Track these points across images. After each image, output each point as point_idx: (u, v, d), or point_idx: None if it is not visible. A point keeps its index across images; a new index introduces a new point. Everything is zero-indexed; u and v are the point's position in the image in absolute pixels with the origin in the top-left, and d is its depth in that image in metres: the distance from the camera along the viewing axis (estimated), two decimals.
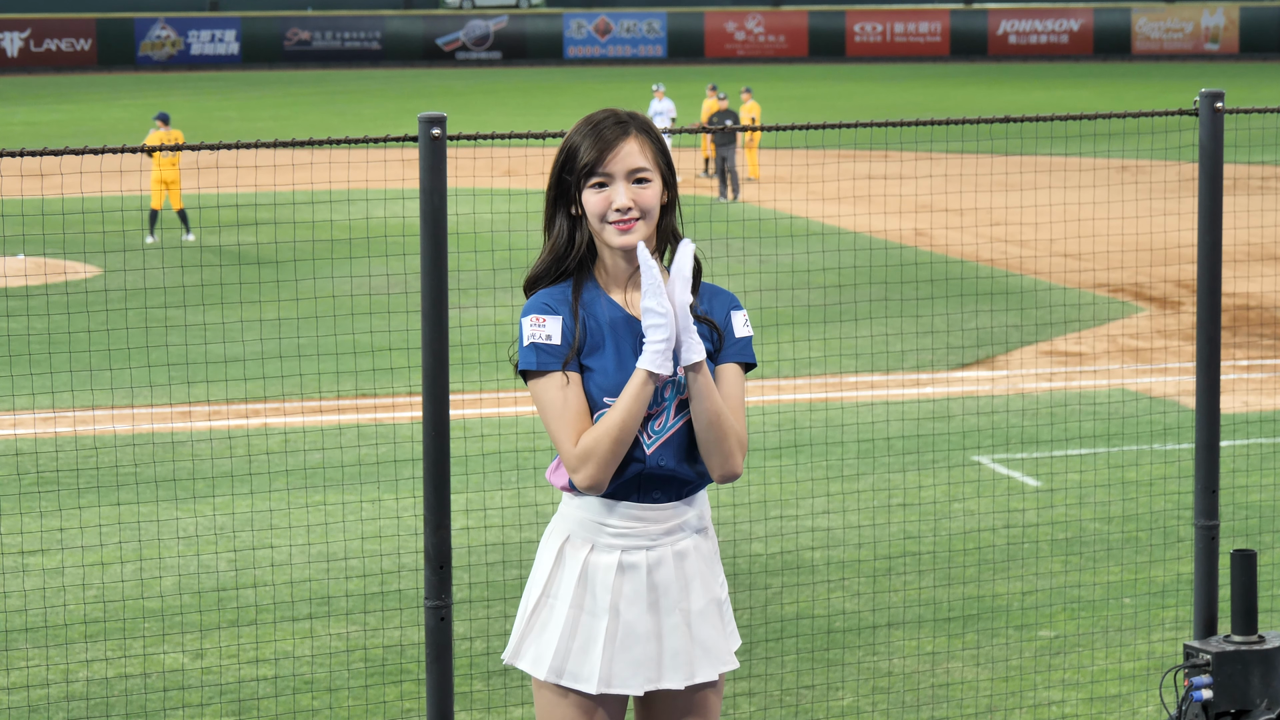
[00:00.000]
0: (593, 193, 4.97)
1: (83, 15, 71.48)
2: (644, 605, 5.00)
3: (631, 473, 4.97)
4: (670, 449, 4.99)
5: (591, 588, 5.00)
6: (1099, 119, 7.32)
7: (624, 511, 5.00)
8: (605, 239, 4.99)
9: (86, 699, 8.74)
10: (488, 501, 11.96)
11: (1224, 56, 71.55)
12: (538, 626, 5.06)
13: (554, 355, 4.96)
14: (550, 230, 5.08)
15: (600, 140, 4.97)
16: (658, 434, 4.98)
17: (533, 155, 33.06)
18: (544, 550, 5.11)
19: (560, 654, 5.01)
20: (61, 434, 13.79)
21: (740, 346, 5.11)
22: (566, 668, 5.01)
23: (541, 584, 5.06)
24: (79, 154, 6.33)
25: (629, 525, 5.00)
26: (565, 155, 5.02)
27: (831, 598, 10.18)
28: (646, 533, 5.01)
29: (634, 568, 5.00)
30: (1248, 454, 13.36)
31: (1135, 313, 19.75)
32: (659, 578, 5.01)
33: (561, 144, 5.06)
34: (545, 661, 5.02)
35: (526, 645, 5.07)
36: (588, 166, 4.97)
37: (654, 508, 5.01)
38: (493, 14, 73.58)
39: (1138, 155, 30.46)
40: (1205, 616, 7.16)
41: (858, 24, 73.38)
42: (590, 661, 4.99)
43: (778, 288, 20.08)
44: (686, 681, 5.04)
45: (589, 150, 4.98)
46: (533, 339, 4.98)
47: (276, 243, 22.55)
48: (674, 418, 4.99)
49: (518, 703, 8.67)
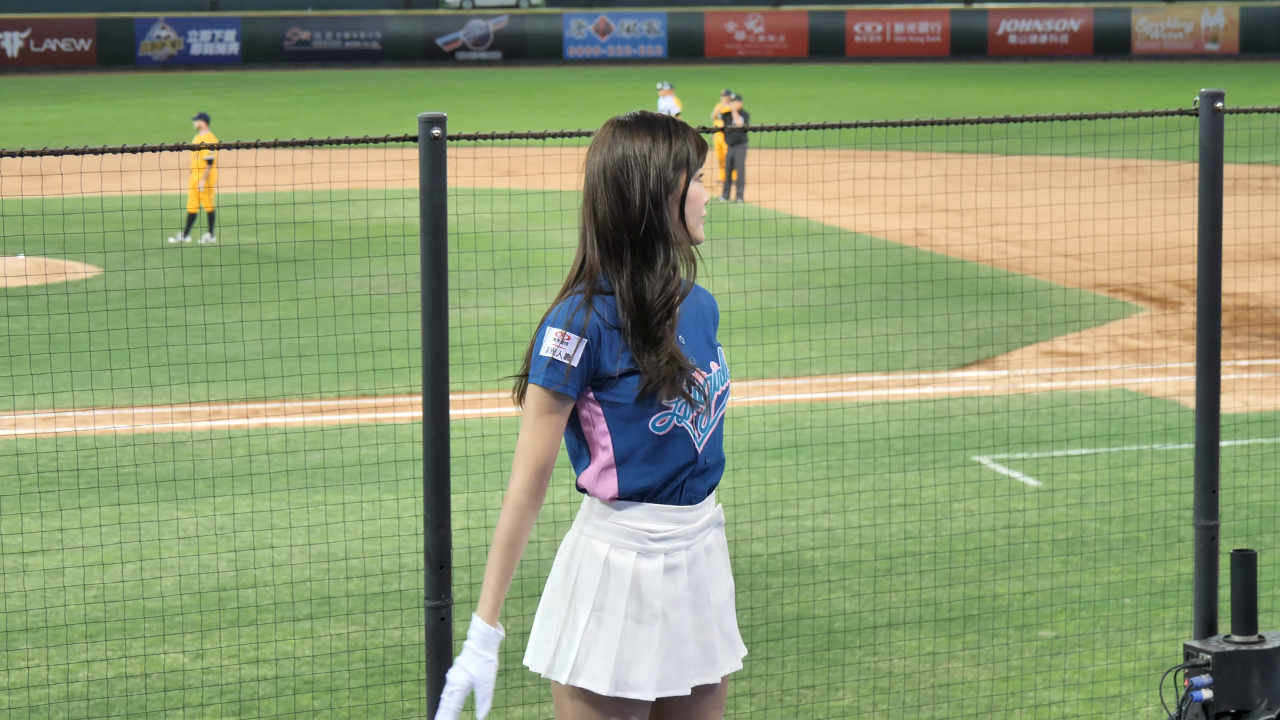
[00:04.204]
0: (696, 185, 5.02)
1: (83, 15, 71.46)
2: (688, 605, 5.04)
3: (686, 471, 5.00)
4: (713, 444, 5.06)
5: (642, 595, 4.99)
6: (1099, 119, 7.32)
7: (666, 515, 5.01)
8: (697, 234, 5.07)
9: (86, 699, 8.74)
10: (488, 501, 11.96)
11: (1224, 56, 71.53)
12: (589, 640, 5.00)
13: (565, 376, 4.94)
14: (662, 237, 4.99)
15: (689, 137, 5.01)
16: (704, 431, 5.03)
17: (533, 155, 33.07)
18: (584, 561, 5.03)
19: (620, 667, 4.98)
20: (61, 434, 13.79)
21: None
22: (624, 679, 4.99)
23: (589, 597, 4.99)
24: (79, 154, 6.33)
25: (670, 528, 5.01)
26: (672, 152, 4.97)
27: (831, 598, 10.18)
28: (685, 533, 5.04)
29: (678, 569, 5.03)
30: (1248, 454, 13.36)
31: (1135, 313, 19.75)
32: (697, 575, 5.06)
33: (650, 145, 4.96)
34: (606, 676, 4.98)
35: (582, 662, 5.00)
36: (692, 163, 4.99)
37: (691, 508, 5.04)
38: (493, 14, 73.57)
39: (1138, 155, 30.46)
40: (1205, 616, 7.16)
41: (858, 24, 73.37)
42: (645, 669, 4.99)
43: (778, 288, 20.08)
44: (721, 674, 5.10)
45: (693, 148, 5.00)
46: (553, 354, 4.95)
47: (276, 243, 22.55)
48: (715, 412, 5.05)
49: (518, 703, 8.67)
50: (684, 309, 5.07)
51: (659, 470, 4.97)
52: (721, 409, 5.07)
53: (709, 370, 5.04)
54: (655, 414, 4.94)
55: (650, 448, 4.96)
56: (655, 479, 4.97)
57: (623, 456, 4.97)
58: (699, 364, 5.03)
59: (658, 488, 4.98)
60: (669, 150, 4.96)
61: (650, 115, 5.04)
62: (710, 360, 5.06)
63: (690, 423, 4.99)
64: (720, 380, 5.07)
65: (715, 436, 5.06)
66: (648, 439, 4.95)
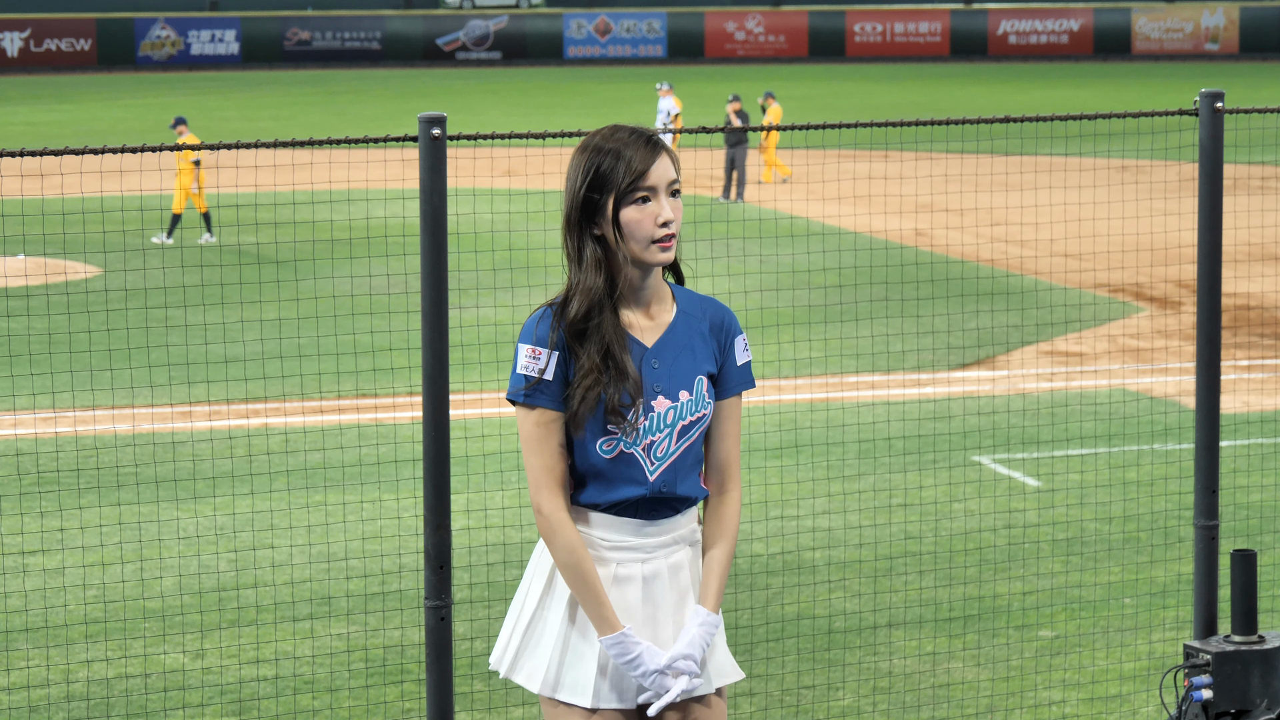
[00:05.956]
0: (636, 209, 4.81)
1: (83, 15, 71.45)
2: (639, 619, 4.94)
3: (634, 496, 4.91)
4: (672, 472, 4.93)
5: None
6: (1099, 119, 7.32)
7: (623, 527, 4.94)
8: (647, 258, 4.84)
9: (86, 699, 8.74)
10: (488, 501, 11.96)
11: (1224, 56, 71.52)
12: (532, 640, 4.99)
13: (542, 391, 4.88)
14: (581, 258, 4.84)
15: (642, 153, 4.80)
16: (660, 460, 4.91)
17: (533, 155, 33.05)
18: (538, 563, 5.04)
19: (554, 669, 4.94)
20: (61, 434, 13.79)
21: (742, 374, 5.03)
22: (562, 681, 4.95)
23: (537, 597, 4.99)
24: (79, 154, 6.33)
25: (626, 539, 4.94)
26: (594, 172, 4.81)
27: (832, 598, 10.18)
28: (643, 546, 4.95)
29: (629, 580, 4.94)
30: (1248, 454, 13.36)
31: (1135, 313, 19.75)
32: (654, 589, 4.95)
33: (578, 164, 4.84)
34: (539, 675, 4.96)
35: (522, 659, 5.01)
36: (631, 181, 4.79)
37: (652, 524, 4.95)
38: (493, 14, 73.56)
39: (1138, 155, 30.45)
40: (1205, 616, 7.16)
41: (858, 24, 73.36)
42: (584, 675, 4.93)
43: (778, 288, 20.08)
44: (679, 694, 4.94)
45: (635, 162, 4.79)
46: (526, 370, 4.90)
47: (276, 243, 22.54)
48: (675, 443, 4.91)
49: (518, 703, 8.67)
50: (671, 328, 4.94)
51: (610, 493, 4.91)
52: (687, 439, 4.92)
53: (675, 399, 4.90)
54: (601, 438, 4.87)
55: (599, 469, 4.90)
56: (606, 501, 4.92)
57: (578, 471, 4.93)
58: (666, 391, 4.90)
59: (610, 505, 4.92)
60: (592, 173, 4.81)
61: (600, 135, 4.88)
62: (681, 389, 4.91)
63: (642, 450, 4.88)
64: (689, 410, 4.92)
65: (679, 466, 4.92)
66: (598, 459, 4.89)
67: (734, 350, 5.02)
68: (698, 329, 4.98)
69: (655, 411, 4.89)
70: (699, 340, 4.97)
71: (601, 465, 4.89)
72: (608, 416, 4.84)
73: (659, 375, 4.91)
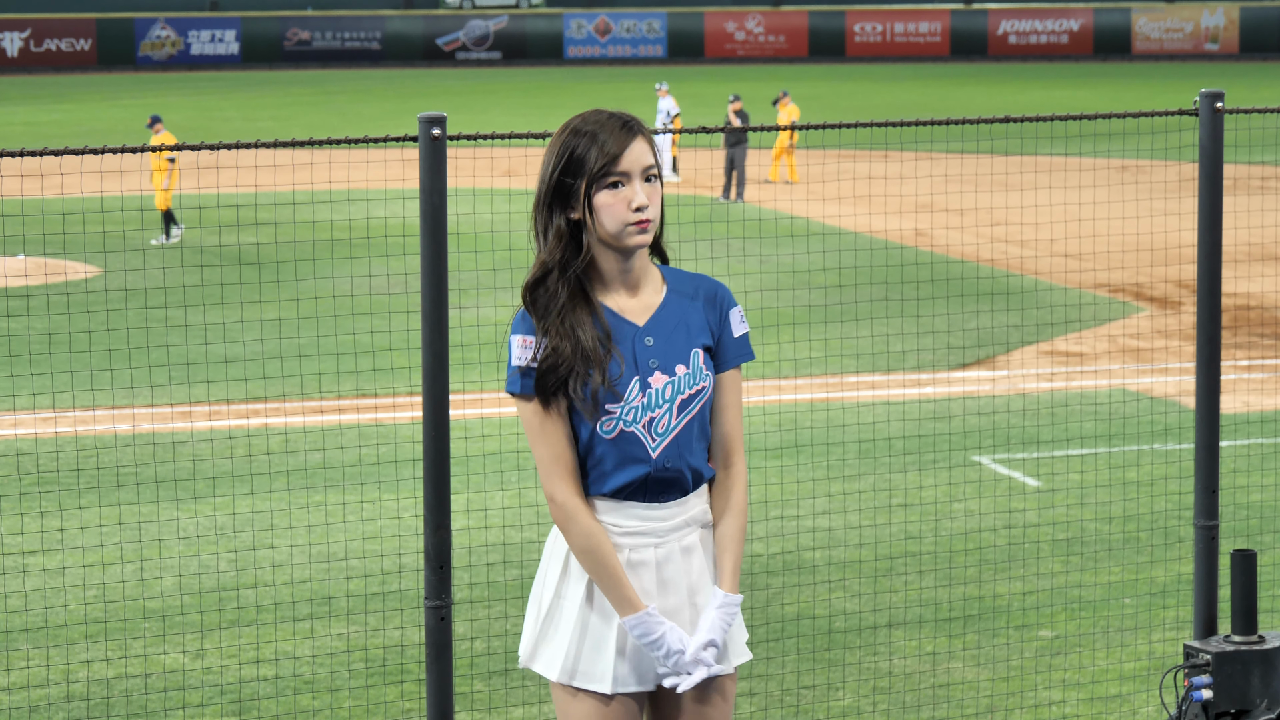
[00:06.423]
0: (609, 193, 4.86)
1: (83, 15, 71.47)
2: (653, 603, 4.97)
3: (638, 475, 4.94)
4: (675, 449, 4.95)
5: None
6: (1099, 119, 7.32)
7: (631, 512, 4.97)
8: (623, 241, 4.88)
9: (86, 699, 8.74)
10: (488, 501, 11.96)
11: (1224, 56, 71.54)
12: (550, 629, 5.03)
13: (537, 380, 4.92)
14: (546, 236, 4.92)
15: (616, 137, 4.85)
16: (662, 435, 4.94)
17: (533, 155, 33.05)
18: (553, 551, 5.08)
19: (572, 655, 4.98)
20: (61, 434, 13.79)
21: (740, 346, 5.06)
22: (579, 668, 4.98)
23: (553, 586, 5.03)
24: (79, 154, 6.33)
25: (636, 524, 4.97)
26: (568, 156, 4.87)
27: (832, 598, 10.18)
28: (654, 530, 4.98)
29: (643, 565, 4.97)
30: (1248, 454, 13.36)
31: (1135, 313, 19.75)
32: (668, 573, 4.99)
33: (554, 147, 4.90)
34: (558, 663, 5.00)
35: (541, 648, 5.04)
36: (603, 166, 4.84)
37: (661, 507, 4.98)
38: (493, 14, 73.57)
39: (1138, 155, 30.45)
40: (1205, 616, 7.16)
41: (858, 24, 73.38)
42: (603, 661, 4.97)
43: (778, 288, 20.08)
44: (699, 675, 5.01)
45: (608, 146, 4.84)
46: (519, 361, 4.93)
47: (276, 243, 22.54)
48: (676, 418, 4.95)
49: (518, 703, 8.67)
50: (662, 306, 4.98)
51: (615, 473, 4.93)
52: (688, 412, 4.94)
53: (671, 374, 4.93)
54: (602, 417, 4.89)
55: (603, 450, 4.92)
56: (611, 482, 4.94)
57: (584, 455, 4.96)
58: (662, 366, 4.93)
59: (616, 488, 4.94)
60: (566, 156, 4.86)
61: (579, 118, 4.92)
62: (678, 363, 4.94)
63: (642, 427, 4.91)
64: (687, 383, 4.94)
65: (681, 441, 4.94)
66: (600, 441, 4.92)
67: (730, 322, 5.04)
68: (691, 304, 5.01)
69: (653, 388, 4.92)
70: (693, 314, 5.00)
71: (604, 447, 4.92)
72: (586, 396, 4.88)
73: (653, 351, 4.94)
